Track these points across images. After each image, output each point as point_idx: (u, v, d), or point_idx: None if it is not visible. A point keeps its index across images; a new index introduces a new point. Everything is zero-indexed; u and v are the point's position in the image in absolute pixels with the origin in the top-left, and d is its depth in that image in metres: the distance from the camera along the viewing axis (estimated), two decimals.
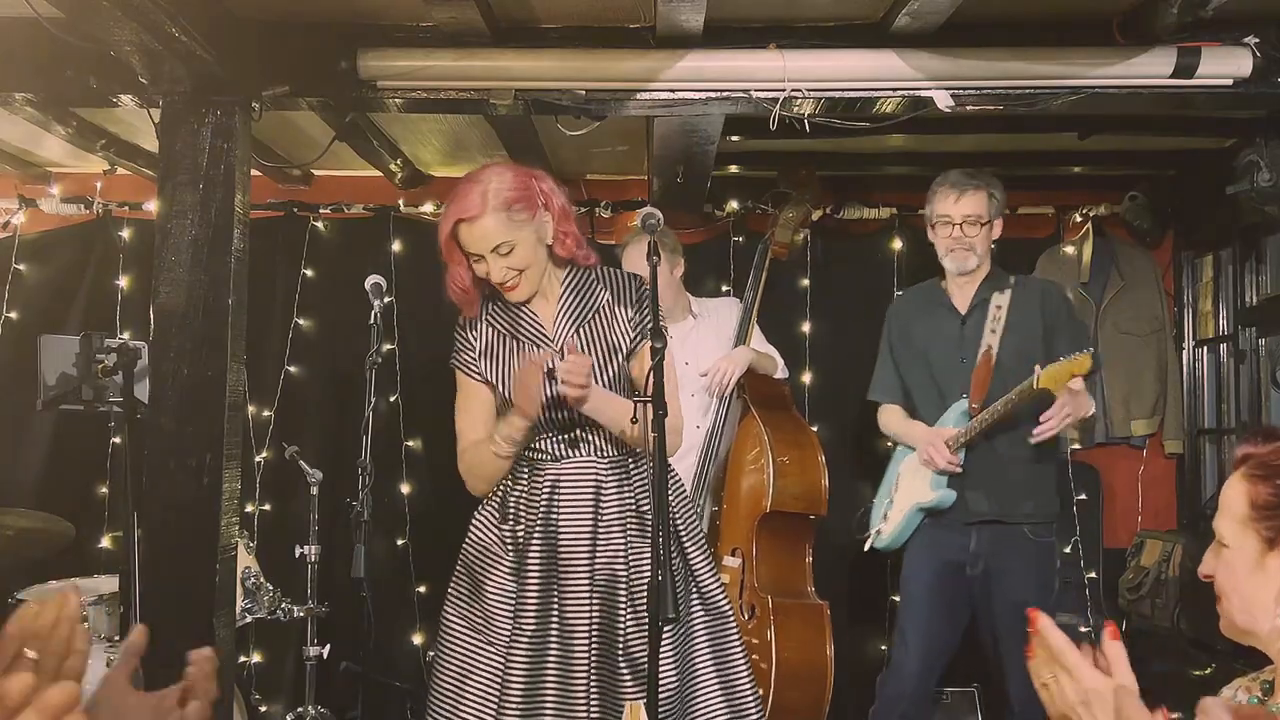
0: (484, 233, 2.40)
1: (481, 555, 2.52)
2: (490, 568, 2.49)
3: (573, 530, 2.45)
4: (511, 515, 2.50)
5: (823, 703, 3.54)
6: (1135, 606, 4.24)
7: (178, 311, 2.84)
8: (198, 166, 2.87)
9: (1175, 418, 4.53)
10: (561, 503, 2.47)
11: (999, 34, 2.91)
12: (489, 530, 2.53)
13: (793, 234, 4.10)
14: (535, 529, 2.46)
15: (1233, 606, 1.52)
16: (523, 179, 2.44)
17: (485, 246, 2.41)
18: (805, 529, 3.75)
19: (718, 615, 2.54)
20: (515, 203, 2.40)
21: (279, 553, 3.90)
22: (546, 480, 2.48)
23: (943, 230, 3.39)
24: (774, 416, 3.76)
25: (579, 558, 2.44)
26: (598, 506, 2.47)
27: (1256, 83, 2.92)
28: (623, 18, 2.87)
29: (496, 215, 2.38)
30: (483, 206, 2.38)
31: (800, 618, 3.58)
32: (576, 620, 2.41)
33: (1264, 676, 1.57)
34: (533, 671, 2.39)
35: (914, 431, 3.44)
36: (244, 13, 2.89)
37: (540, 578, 2.43)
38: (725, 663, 2.52)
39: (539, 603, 2.42)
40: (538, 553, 2.44)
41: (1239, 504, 1.51)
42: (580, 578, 2.43)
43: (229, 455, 2.86)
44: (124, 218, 4.52)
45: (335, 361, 4.49)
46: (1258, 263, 4.15)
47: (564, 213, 2.50)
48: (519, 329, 2.54)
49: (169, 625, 2.77)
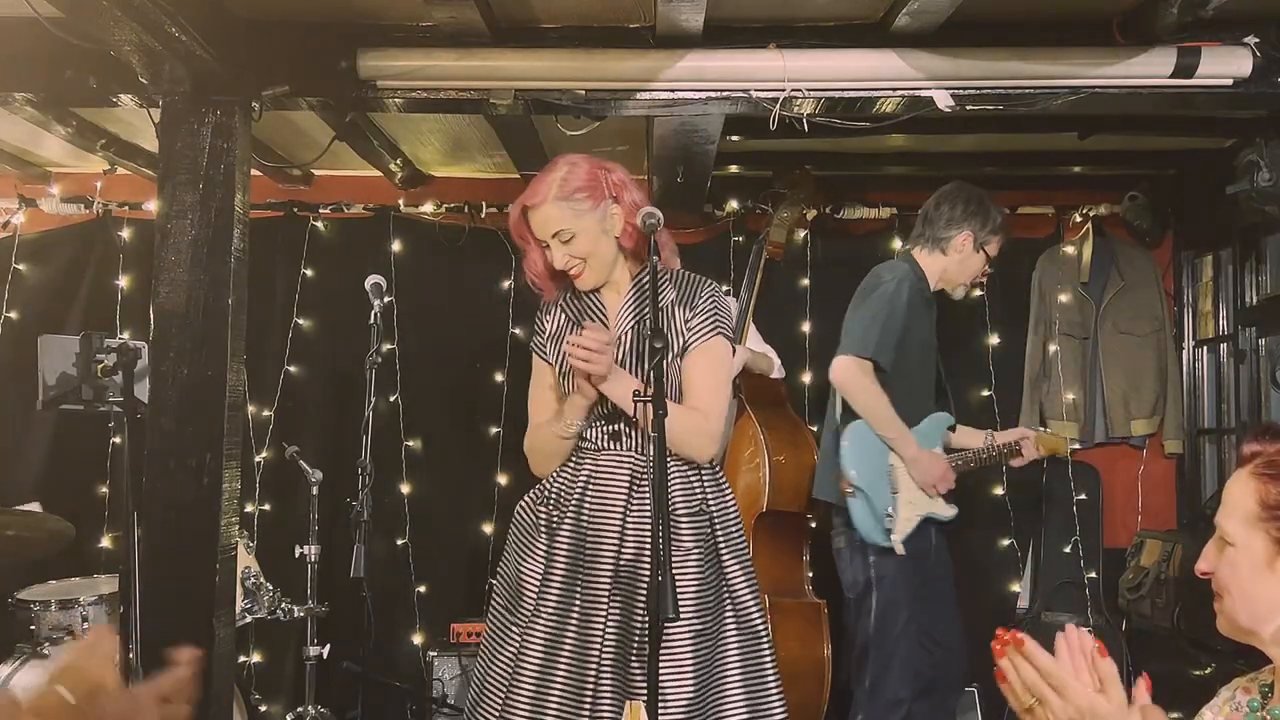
0: (545, 219, 2.48)
1: (521, 535, 2.57)
2: (526, 548, 2.53)
3: (602, 522, 2.47)
4: (551, 500, 2.54)
5: (821, 701, 3.54)
6: (1135, 606, 4.24)
7: (178, 311, 2.84)
8: (198, 166, 2.87)
9: (1175, 418, 4.53)
10: (595, 493, 2.49)
11: (999, 34, 2.91)
12: (529, 512, 2.58)
13: (788, 234, 4.11)
14: (568, 516, 2.49)
15: (1236, 606, 1.51)
16: (593, 170, 2.50)
17: (546, 232, 2.49)
18: (802, 528, 3.75)
19: (751, 635, 2.50)
20: (579, 191, 2.46)
21: (279, 553, 3.90)
22: (584, 469, 2.52)
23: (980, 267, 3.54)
24: (770, 416, 3.76)
25: (605, 550, 2.45)
26: (629, 501, 2.48)
27: (1256, 83, 2.91)
28: (622, 17, 2.87)
29: (558, 203, 2.46)
30: (546, 194, 2.47)
31: (798, 616, 3.59)
32: (594, 611, 2.42)
33: (1262, 678, 1.56)
34: (547, 654, 2.40)
35: (912, 449, 3.33)
36: (244, 13, 2.89)
37: (566, 564, 2.46)
38: (755, 684, 2.47)
39: (562, 589, 2.44)
40: (567, 539, 2.47)
41: (1247, 502, 1.49)
42: (604, 570, 2.44)
43: (229, 455, 2.86)
44: (124, 218, 4.52)
45: (335, 361, 4.49)
46: (1258, 263, 4.15)
47: (634, 208, 2.49)
48: (584, 316, 2.58)
49: (169, 625, 2.78)
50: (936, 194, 3.56)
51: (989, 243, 3.50)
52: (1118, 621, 4.37)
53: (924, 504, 3.36)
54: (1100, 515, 4.55)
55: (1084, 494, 4.46)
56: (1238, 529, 1.50)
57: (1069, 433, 4.46)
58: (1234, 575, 1.50)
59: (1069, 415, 4.48)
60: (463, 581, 4.47)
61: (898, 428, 3.31)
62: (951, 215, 3.48)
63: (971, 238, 3.48)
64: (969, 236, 3.47)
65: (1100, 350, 4.54)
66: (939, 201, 3.52)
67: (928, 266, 3.52)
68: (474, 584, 4.43)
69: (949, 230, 3.48)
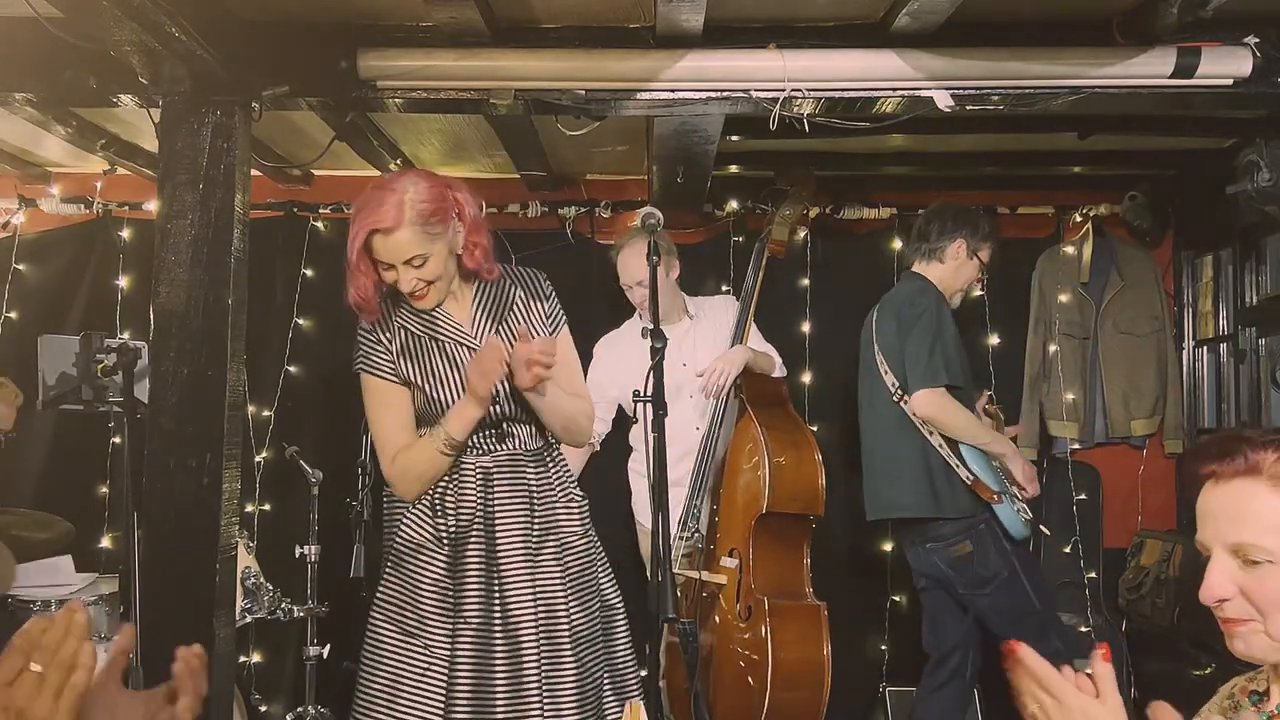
0: (398, 245, 2.38)
1: (415, 554, 2.51)
2: (425, 566, 2.49)
3: (510, 520, 2.48)
4: (443, 510, 2.50)
5: (820, 704, 3.53)
6: (1135, 606, 4.24)
7: (178, 311, 2.84)
8: (198, 166, 2.86)
9: (1175, 418, 4.53)
10: (497, 494, 2.49)
11: (999, 34, 2.90)
12: (421, 529, 2.51)
13: (789, 232, 4.11)
14: (475, 522, 2.47)
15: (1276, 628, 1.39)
16: (438, 189, 2.44)
17: (399, 257, 2.40)
18: (802, 529, 3.74)
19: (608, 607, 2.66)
20: (432, 215, 2.39)
21: (279, 553, 3.91)
22: (477, 473, 2.49)
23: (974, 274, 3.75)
24: (771, 416, 3.75)
25: (516, 547, 2.46)
26: (531, 496, 2.51)
27: (1256, 83, 2.91)
28: (622, 18, 2.86)
29: (412, 228, 2.37)
30: (399, 218, 2.36)
31: (797, 619, 3.58)
32: (520, 610, 2.42)
33: (1259, 676, 1.56)
34: (480, 664, 2.40)
35: (1010, 448, 3.65)
36: (244, 13, 2.88)
37: (480, 570, 2.45)
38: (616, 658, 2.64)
39: (481, 595, 2.43)
40: (476, 545, 2.46)
41: (1275, 516, 1.38)
42: (521, 568, 2.45)
43: (229, 455, 2.85)
44: (124, 218, 4.52)
45: (335, 361, 4.47)
46: (1258, 263, 4.15)
47: (476, 224, 2.51)
48: (437, 329, 2.54)
49: (169, 625, 2.78)
50: (924, 212, 3.81)
51: (981, 249, 3.71)
52: (1118, 622, 4.37)
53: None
54: (1100, 515, 4.55)
55: (1084, 494, 4.46)
56: (1274, 542, 1.37)
57: (1069, 433, 4.46)
58: (1275, 593, 1.38)
59: (1069, 415, 4.48)
60: None
61: (989, 434, 3.63)
62: (943, 227, 3.70)
63: (965, 245, 3.69)
64: (962, 244, 3.69)
65: (1100, 350, 4.54)
66: (928, 218, 3.76)
67: (930, 277, 3.71)
68: None
69: (942, 240, 3.70)
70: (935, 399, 3.48)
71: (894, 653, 4.42)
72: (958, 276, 3.71)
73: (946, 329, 3.56)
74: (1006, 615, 3.54)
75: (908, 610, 4.38)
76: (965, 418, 3.53)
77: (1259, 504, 1.39)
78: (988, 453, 3.56)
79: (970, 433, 3.54)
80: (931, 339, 3.52)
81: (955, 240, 3.67)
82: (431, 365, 2.52)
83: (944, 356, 3.51)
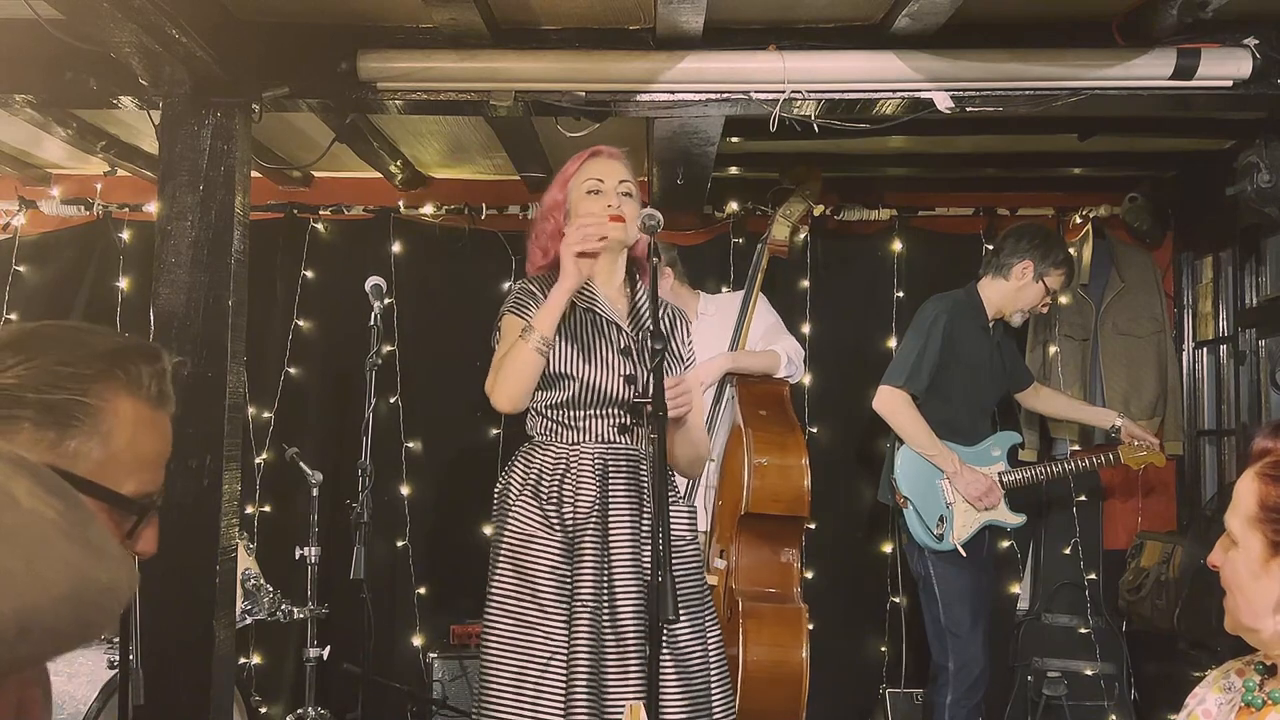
0: (616, 168, 2.63)
1: (527, 544, 2.53)
2: (540, 555, 2.51)
3: (622, 519, 2.49)
4: (559, 499, 2.52)
5: (798, 706, 3.50)
6: (1135, 608, 4.24)
7: (178, 312, 2.84)
8: (198, 168, 2.87)
9: (1175, 419, 4.53)
10: (613, 489, 2.51)
11: (999, 35, 2.91)
12: (530, 519, 2.54)
13: (791, 231, 4.10)
14: (593, 513, 2.49)
15: (1237, 604, 1.52)
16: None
17: (615, 177, 2.61)
18: (787, 531, 3.69)
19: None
20: (635, 180, 2.65)
21: (279, 554, 3.90)
22: (595, 465, 2.52)
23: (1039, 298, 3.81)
24: (759, 417, 3.73)
25: (625, 539, 2.48)
26: (643, 497, 2.52)
27: (1256, 84, 2.91)
28: (623, 19, 2.87)
29: (627, 169, 2.65)
30: (620, 156, 2.66)
31: (773, 621, 3.54)
32: (625, 600, 2.45)
33: (1257, 658, 1.57)
34: (594, 652, 2.41)
35: (952, 465, 3.68)
36: (244, 14, 2.89)
37: (596, 559, 2.47)
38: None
39: (593, 582, 2.45)
40: (594, 535, 2.48)
41: (1249, 502, 1.50)
42: (628, 558, 2.47)
43: (229, 456, 2.85)
44: (124, 219, 4.52)
45: (335, 363, 4.49)
46: (1257, 264, 4.15)
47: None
48: (595, 304, 2.62)
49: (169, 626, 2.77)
50: (1007, 229, 3.95)
51: (1048, 274, 3.79)
52: (1118, 623, 4.37)
53: (983, 513, 3.70)
54: (1100, 516, 4.55)
55: (1084, 495, 4.46)
56: (1240, 528, 1.50)
57: (1069, 433, 4.46)
58: (1235, 575, 1.51)
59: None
60: (463, 583, 4.46)
61: (936, 447, 3.68)
62: (1016, 246, 3.79)
63: (1031, 267, 3.76)
64: (1029, 266, 3.76)
65: (1100, 351, 4.54)
66: (1007, 235, 3.88)
67: (989, 292, 3.84)
68: (474, 586, 4.41)
69: (1011, 258, 3.78)
70: (887, 396, 3.67)
71: (894, 653, 4.42)
72: (1019, 296, 3.79)
73: (934, 341, 3.67)
74: (927, 624, 3.72)
75: (908, 611, 4.37)
76: (912, 423, 3.65)
77: (1243, 490, 1.52)
78: (935, 465, 3.69)
79: (917, 441, 3.67)
80: (919, 345, 3.68)
81: (1023, 260, 3.75)
82: (581, 334, 2.59)
83: (915, 363, 3.65)
